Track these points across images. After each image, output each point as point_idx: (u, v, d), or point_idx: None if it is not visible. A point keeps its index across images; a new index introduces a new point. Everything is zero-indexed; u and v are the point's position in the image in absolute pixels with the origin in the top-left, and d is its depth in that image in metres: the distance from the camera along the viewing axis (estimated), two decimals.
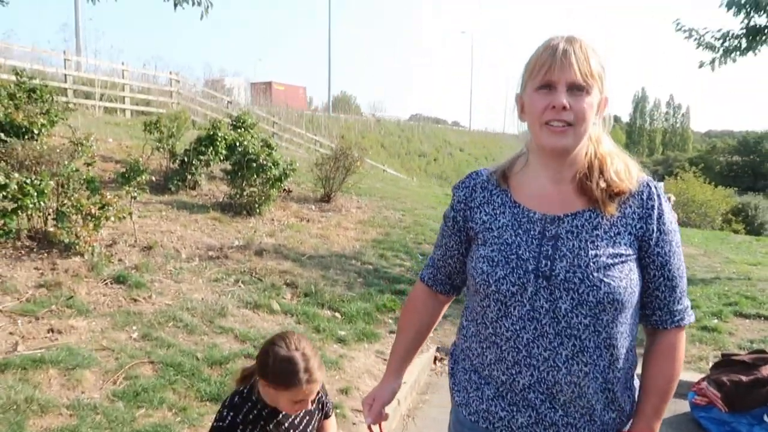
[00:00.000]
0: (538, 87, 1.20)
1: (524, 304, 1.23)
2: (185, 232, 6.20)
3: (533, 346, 1.22)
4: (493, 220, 1.31)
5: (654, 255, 1.24)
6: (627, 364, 1.28)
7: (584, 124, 1.20)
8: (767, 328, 5.10)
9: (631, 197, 1.25)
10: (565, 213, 1.25)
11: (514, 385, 1.26)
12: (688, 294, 4.65)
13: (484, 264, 1.28)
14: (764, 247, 9.61)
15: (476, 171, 1.41)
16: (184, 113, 8.84)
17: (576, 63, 1.17)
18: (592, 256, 1.20)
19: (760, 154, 60.96)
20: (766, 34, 7.21)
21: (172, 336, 3.94)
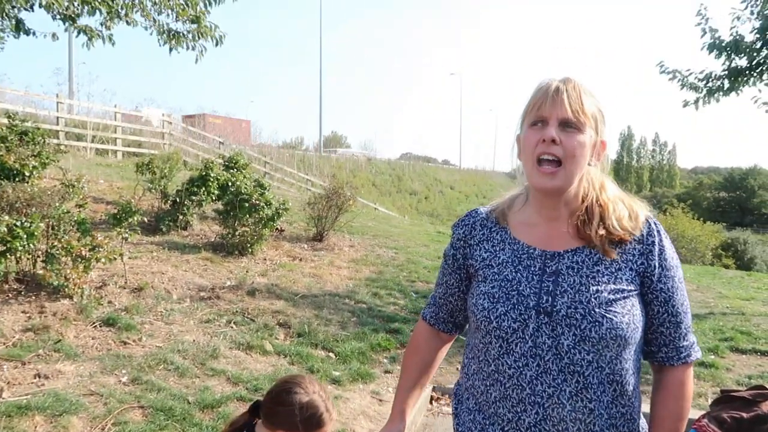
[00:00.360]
0: (531, 123, 1.24)
1: (526, 340, 1.22)
2: (176, 272, 6.14)
3: (537, 383, 1.21)
4: (493, 256, 1.32)
5: (657, 291, 1.24)
6: (633, 400, 1.26)
7: (574, 161, 1.21)
8: (764, 363, 5.08)
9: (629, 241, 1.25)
10: (565, 249, 1.26)
11: (519, 424, 1.24)
12: None
13: (485, 300, 1.28)
14: (756, 282, 9.63)
15: (475, 209, 1.43)
16: (176, 154, 8.90)
17: (567, 99, 1.20)
18: (593, 292, 1.20)
19: (746, 189, 61.83)
20: (747, 75, 7.40)
21: (162, 379, 3.86)
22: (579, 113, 1.20)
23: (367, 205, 20.20)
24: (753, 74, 7.32)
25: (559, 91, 1.21)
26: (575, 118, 1.20)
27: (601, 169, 1.31)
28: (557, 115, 1.20)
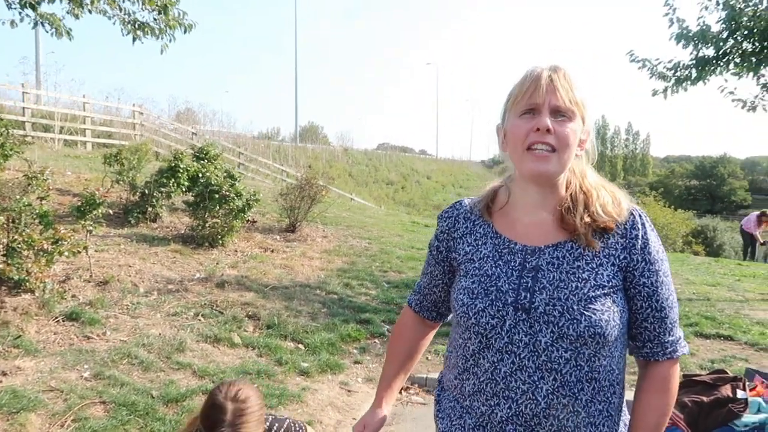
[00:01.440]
0: (521, 113, 1.21)
1: (502, 336, 1.20)
2: (144, 265, 6.03)
3: (511, 379, 1.19)
4: (475, 251, 1.30)
5: (640, 286, 1.21)
6: (613, 398, 1.23)
7: (567, 150, 1.19)
8: (727, 347, 5.18)
9: (616, 227, 1.22)
10: (546, 244, 1.23)
11: (492, 417, 1.22)
12: None
13: (465, 296, 1.26)
14: (722, 268, 9.83)
15: (460, 201, 1.41)
16: (145, 145, 8.72)
17: (561, 88, 1.18)
18: (572, 289, 1.17)
19: (716, 178, 63.16)
20: (714, 65, 7.51)
21: (126, 374, 3.79)
22: (571, 102, 1.19)
23: (342, 196, 20.13)
24: (719, 64, 7.43)
25: (552, 79, 1.19)
26: (568, 107, 1.18)
27: (586, 159, 1.29)
28: (550, 103, 1.18)
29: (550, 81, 1.19)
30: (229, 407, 1.77)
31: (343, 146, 41.60)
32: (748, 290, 7.58)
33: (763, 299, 7.04)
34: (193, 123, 22.75)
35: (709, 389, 3.64)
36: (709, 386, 3.68)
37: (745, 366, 4.45)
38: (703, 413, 3.47)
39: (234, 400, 1.79)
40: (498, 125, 1.30)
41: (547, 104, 1.18)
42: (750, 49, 7.18)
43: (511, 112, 1.23)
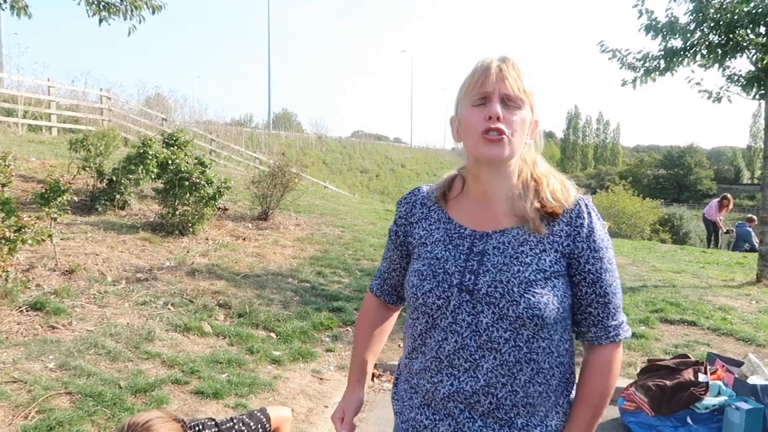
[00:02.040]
0: (473, 102, 1.25)
1: (447, 316, 1.25)
2: (112, 253, 5.92)
3: (454, 357, 1.24)
4: (428, 235, 1.35)
5: (585, 272, 1.25)
6: (552, 380, 1.27)
7: (517, 135, 1.23)
8: (690, 332, 5.33)
9: (561, 214, 1.26)
10: (494, 230, 1.28)
11: (435, 394, 1.27)
12: None
13: (415, 278, 1.31)
14: (688, 255, 10.08)
15: (418, 187, 1.46)
16: (112, 131, 8.51)
17: (509, 77, 1.23)
18: (514, 272, 1.22)
19: (683, 167, 64.56)
20: (682, 56, 7.64)
21: (92, 364, 3.73)
22: (520, 90, 1.23)
23: (316, 183, 20.03)
24: (687, 55, 7.56)
25: (501, 69, 1.23)
26: (517, 95, 1.23)
27: (535, 148, 1.33)
28: (500, 91, 1.22)
29: (500, 70, 1.23)
30: None
31: (317, 134, 41.35)
32: (712, 277, 7.80)
33: (725, 286, 7.24)
34: (163, 109, 22.29)
35: (672, 373, 3.75)
36: (672, 370, 3.78)
37: (707, 351, 4.59)
38: (666, 396, 3.57)
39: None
40: (452, 117, 1.34)
41: (497, 92, 1.22)
42: (716, 41, 7.32)
43: (464, 102, 1.27)
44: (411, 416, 1.34)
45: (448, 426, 1.26)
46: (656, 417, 3.51)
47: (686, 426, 3.42)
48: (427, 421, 1.30)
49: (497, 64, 1.24)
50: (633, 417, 3.66)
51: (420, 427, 1.31)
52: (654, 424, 3.52)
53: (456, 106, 1.31)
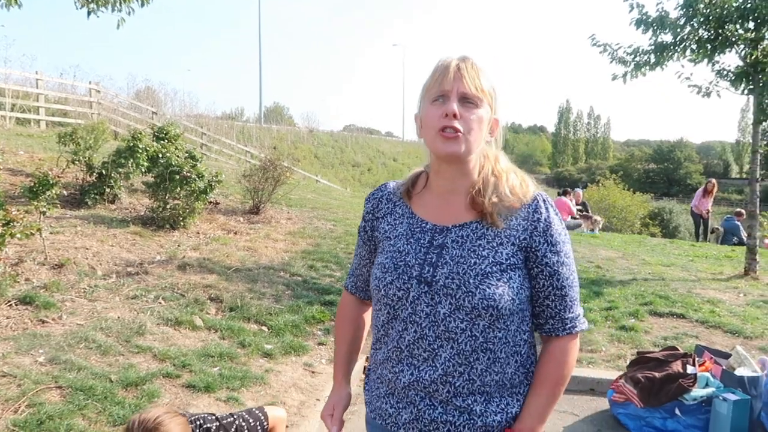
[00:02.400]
0: (433, 100, 1.29)
1: (407, 307, 1.29)
2: (102, 247, 5.89)
3: (414, 347, 1.29)
4: (393, 229, 1.40)
5: (542, 266, 1.29)
6: (508, 369, 1.31)
7: (473, 133, 1.27)
8: (679, 325, 5.38)
9: (519, 210, 1.30)
10: (454, 224, 1.33)
11: (397, 383, 1.32)
12: (608, 295, 4.84)
13: (378, 270, 1.36)
14: (677, 249, 10.16)
15: (385, 183, 1.51)
16: (102, 124, 8.44)
17: (467, 76, 1.27)
18: (471, 264, 1.26)
19: (673, 161, 64.91)
20: (672, 51, 7.67)
21: (83, 358, 3.71)
22: (478, 89, 1.27)
23: (308, 177, 20.00)
24: (677, 49, 7.59)
25: (460, 67, 1.27)
26: (474, 93, 1.27)
27: (495, 145, 1.38)
28: (458, 90, 1.26)
29: (458, 69, 1.27)
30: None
31: (309, 127, 41.21)
32: (701, 270, 7.87)
33: (713, 279, 7.31)
34: (153, 102, 22.13)
35: (661, 365, 3.78)
36: (661, 362, 3.82)
37: (696, 343, 4.64)
38: (655, 388, 3.60)
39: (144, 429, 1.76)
40: (416, 114, 1.38)
41: (455, 91, 1.26)
42: (706, 36, 7.35)
43: (425, 99, 1.32)
44: (378, 405, 1.38)
45: (410, 413, 1.30)
46: (645, 408, 3.55)
47: (675, 417, 3.46)
48: (391, 410, 1.34)
49: (456, 63, 1.28)
50: (622, 409, 3.70)
51: (385, 415, 1.36)
52: (643, 415, 3.56)
53: (419, 104, 1.35)
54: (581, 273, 7.13)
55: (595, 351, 4.73)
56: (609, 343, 4.91)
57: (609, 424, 3.73)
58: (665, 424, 3.48)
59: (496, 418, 1.29)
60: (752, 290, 6.70)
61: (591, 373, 4.29)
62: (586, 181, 44.31)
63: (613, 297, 6.06)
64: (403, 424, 1.32)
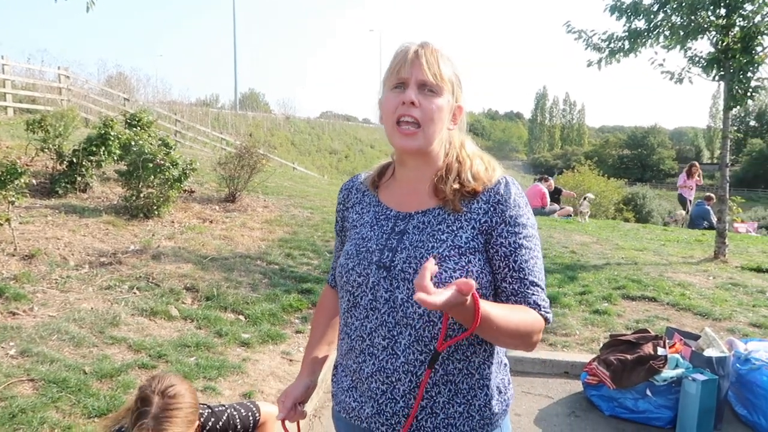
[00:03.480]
0: (392, 87, 1.27)
1: (367, 294, 1.28)
2: (74, 237, 5.78)
3: (375, 335, 1.27)
4: (359, 218, 1.40)
5: (498, 245, 1.24)
6: (474, 357, 1.26)
7: (432, 124, 1.24)
8: (651, 308, 5.49)
9: (481, 194, 1.27)
10: (416, 210, 1.32)
11: (360, 374, 1.29)
12: (582, 280, 4.88)
13: (343, 258, 1.36)
14: (650, 234, 10.34)
15: (357, 175, 1.51)
16: (72, 111, 8.25)
17: (426, 64, 1.23)
18: (428, 248, 1.24)
19: (646, 147, 65.96)
20: (645, 37, 7.76)
21: (56, 350, 3.66)
22: (437, 77, 1.24)
23: (284, 165, 19.86)
24: (650, 36, 7.67)
25: (418, 54, 1.24)
26: (433, 81, 1.23)
27: (457, 132, 1.35)
28: (416, 77, 1.23)
29: (416, 56, 1.24)
30: (155, 401, 1.74)
31: (285, 114, 40.84)
32: (672, 254, 8.03)
33: (684, 262, 7.47)
34: (125, 89, 21.68)
35: (632, 348, 3.86)
36: (632, 345, 3.90)
37: (666, 325, 4.74)
38: (627, 370, 3.68)
39: (162, 394, 1.75)
40: (379, 100, 1.35)
41: (413, 78, 1.23)
42: (678, 22, 7.44)
43: (385, 86, 1.30)
44: (342, 399, 1.36)
45: (371, 408, 1.28)
46: (617, 390, 3.63)
47: (646, 398, 3.54)
48: (354, 404, 1.32)
49: (415, 49, 1.25)
50: (595, 390, 3.77)
51: (349, 409, 1.34)
52: (615, 396, 3.64)
53: (381, 90, 1.33)
54: (556, 258, 7.22)
55: (569, 335, 4.81)
56: (583, 326, 4.99)
57: (583, 405, 3.81)
58: (637, 404, 3.56)
59: (459, 409, 1.25)
60: (721, 273, 6.87)
61: (565, 357, 4.37)
62: (561, 167, 44.78)
63: (587, 281, 6.16)
64: (366, 418, 1.29)
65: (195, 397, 1.87)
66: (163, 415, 1.71)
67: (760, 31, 7.14)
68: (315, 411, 3.67)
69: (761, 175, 57.78)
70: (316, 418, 3.59)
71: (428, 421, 1.25)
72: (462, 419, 1.26)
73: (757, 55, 7.17)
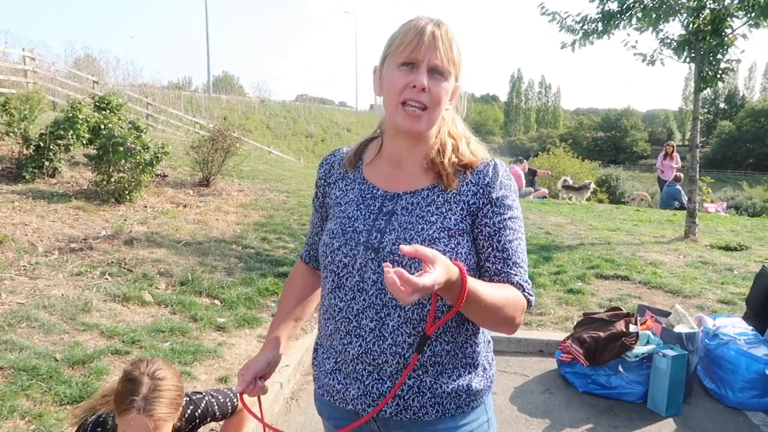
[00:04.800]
0: (400, 64, 1.21)
1: (354, 275, 1.26)
2: (43, 223, 5.64)
3: (362, 317, 1.25)
4: (344, 195, 1.36)
5: (482, 225, 1.24)
6: (459, 337, 1.27)
7: (438, 108, 1.23)
8: (623, 287, 5.59)
9: (471, 175, 1.27)
10: (405, 191, 1.29)
11: (346, 355, 1.28)
12: (557, 260, 4.95)
13: (326, 236, 1.32)
14: (623, 214, 10.51)
15: (339, 149, 1.46)
16: (37, 93, 8.01)
17: (441, 47, 1.20)
18: (418, 230, 1.23)
19: (620, 129, 66.82)
20: (619, 19, 7.80)
21: (25, 338, 3.58)
22: (449, 62, 1.21)
23: (259, 149, 19.65)
24: (623, 18, 7.72)
25: (435, 36, 1.19)
26: (445, 66, 1.21)
27: (453, 111, 1.34)
28: (429, 60, 1.19)
29: (433, 38, 1.19)
30: (145, 381, 1.73)
31: (260, 97, 40.27)
32: (644, 234, 8.18)
33: (656, 242, 7.62)
34: (94, 71, 21.12)
35: (605, 325, 3.93)
36: (605, 322, 3.97)
37: (638, 303, 4.84)
38: (599, 347, 3.75)
39: (151, 376, 1.75)
40: (376, 66, 1.31)
41: (426, 61, 1.20)
42: (650, 4, 7.50)
43: (391, 60, 1.24)
44: (325, 381, 1.34)
45: (357, 389, 1.27)
46: (590, 367, 3.70)
47: (618, 374, 3.62)
48: (338, 386, 1.31)
49: (432, 29, 1.20)
50: (569, 368, 3.84)
51: (333, 391, 1.32)
52: (588, 373, 3.71)
53: (382, 58, 1.27)
54: (531, 239, 7.30)
55: (544, 314, 4.88)
56: (557, 306, 5.06)
57: (557, 383, 3.87)
58: (609, 380, 3.64)
59: (447, 390, 1.25)
60: (691, 252, 7.02)
61: (540, 335, 4.43)
62: (537, 149, 45.12)
63: (561, 262, 6.24)
64: (352, 399, 1.28)
65: (181, 381, 1.86)
66: (153, 395, 1.71)
67: (730, 13, 7.24)
68: (293, 394, 3.67)
69: (730, 157, 59.07)
70: (294, 401, 3.59)
71: (415, 400, 1.25)
72: (449, 398, 1.26)
73: (727, 37, 7.28)
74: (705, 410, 3.54)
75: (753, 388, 3.50)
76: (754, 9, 7.02)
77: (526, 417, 3.45)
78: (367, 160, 1.37)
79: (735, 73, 7.86)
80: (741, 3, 7.13)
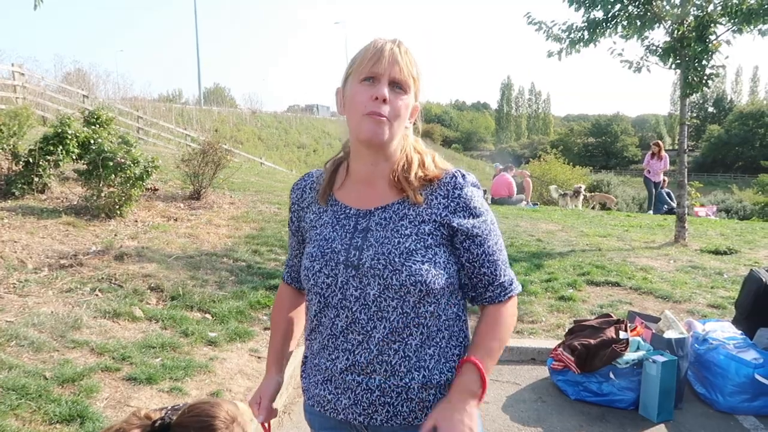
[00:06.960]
0: (362, 79, 1.27)
1: (336, 293, 1.31)
2: (32, 239, 5.62)
3: (348, 332, 1.30)
4: (318, 218, 1.40)
5: (471, 238, 1.31)
6: (443, 342, 1.32)
7: (399, 120, 1.28)
8: (614, 293, 5.62)
9: (438, 188, 1.32)
10: (377, 206, 1.34)
11: (334, 370, 1.33)
12: (548, 267, 4.99)
13: (307, 260, 1.36)
14: (613, 220, 10.56)
15: (309, 172, 1.51)
16: (26, 109, 8.01)
17: (401, 61, 1.27)
18: (395, 244, 1.28)
19: (610, 135, 67.28)
20: (604, 27, 7.88)
21: (14, 356, 3.55)
22: (408, 76, 1.28)
23: (251, 160, 19.64)
24: (609, 26, 7.80)
25: (394, 52, 1.27)
26: (405, 80, 1.27)
27: (413, 130, 1.40)
28: (390, 74, 1.26)
29: (392, 54, 1.27)
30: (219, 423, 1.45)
31: (252, 109, 40.31)
32: (634, 239, 8.22)
33: (646, 247, 7.66)
34: (84, 85, 21.10)
35: (596, 332, 3.95)
36: (596, 329, 3.98)
37: (629, 309, 4.86)
38: (590, 354, 3.76)
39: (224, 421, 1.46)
40: (338, 88, 1.37)
41: (387, 75, 1.26)
42: (635, 12, 7.59)
43: (353, 77, 1.30)
44: (316, 392, 1.38)
45: (348, 399, 1.31)
46: (582, 374, 3.71)
47: (609, 381, 3.63)
48: (329, 396, 1.34)
49: (391, 47, 1.27)
50: (561, 376, 3.84)
51: (324, 402, 1.36)
52: (580, 381, 3.72)
53: (344, 78, 1.34)
54: (522, 246, 7.33)
55: (535, 322, 4.89)
56: (549, 313, 5.08)
57: (549, 391, 3.88)
58: (601, 387, 3.65)
59: (432, 392, 1.30)
60: (681, 256, 7.07)
61: (532, 344, 4.44)
62: (528, 156, 45.31)
63: (552, 269, 6.26)
64: (343, 409, 1.32)
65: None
66: None
67: (714, 20, 7.33)
68: (285, 407, 3.66)
69: (720, 160, 59.58)
70: (286, 414, 3.58)
71: (404, 406, 1.29)
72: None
73: (711, 44, 7.37)
74: (696, 415, 3.56)
75: (743, 392, 3.52)
76: (737, 15, 7.13)
77: (519, 426, 3.46)
78: (338, 182, 1.41)
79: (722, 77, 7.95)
80: (724, 9, 7.23)
